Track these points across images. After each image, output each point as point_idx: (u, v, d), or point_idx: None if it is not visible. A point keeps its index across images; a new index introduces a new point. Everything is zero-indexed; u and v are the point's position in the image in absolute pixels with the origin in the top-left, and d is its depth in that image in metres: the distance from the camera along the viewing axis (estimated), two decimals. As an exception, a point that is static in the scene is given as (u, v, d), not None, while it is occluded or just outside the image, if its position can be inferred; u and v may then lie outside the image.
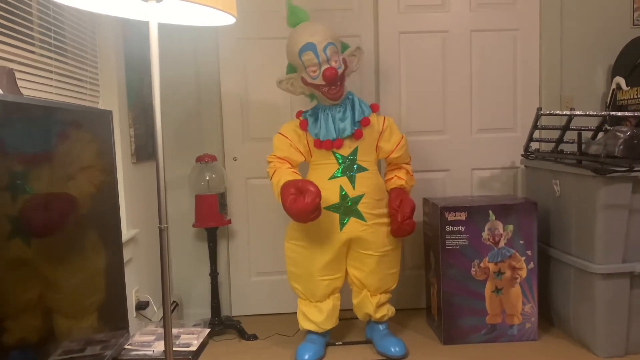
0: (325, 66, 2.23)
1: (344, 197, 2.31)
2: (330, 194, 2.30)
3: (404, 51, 2.91)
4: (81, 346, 1.49)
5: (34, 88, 1.66)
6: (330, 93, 2.27)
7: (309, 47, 2.22)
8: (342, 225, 2.31)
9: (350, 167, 2.33)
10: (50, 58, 1.79)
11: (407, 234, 2.35)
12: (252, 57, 2.89)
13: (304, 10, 2.36)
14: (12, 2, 1.58)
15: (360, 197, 2.31)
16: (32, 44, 1.70)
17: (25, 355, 1.21)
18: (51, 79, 1.78)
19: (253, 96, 2.91)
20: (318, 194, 2.12)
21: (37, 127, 1.31)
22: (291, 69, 2.40)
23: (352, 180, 2.32)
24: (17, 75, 1.51)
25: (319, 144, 2.30)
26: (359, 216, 2.31)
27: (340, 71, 2.25)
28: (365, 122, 2.31)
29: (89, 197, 1.58)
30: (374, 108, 2.37)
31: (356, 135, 2.31)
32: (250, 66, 2.90)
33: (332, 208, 2.31)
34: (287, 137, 2.36)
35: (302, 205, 2.10)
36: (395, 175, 2.43)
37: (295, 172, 2.31)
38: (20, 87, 1.51)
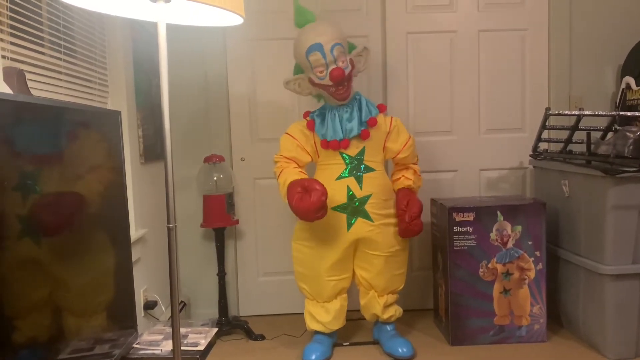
0: (332, 66, 2.23)
1: (351, 197, 2.30)
2: (337, 195, 2.30)
3: (411, 51, 2.91)
4: (90, 345, 1.50)
5: (44, 89, 1.67)
6: (337, 93, 2.27)
7: (316, 48, 2.22)
8: (350, 225, 2.31)
9: (357, 168, 2.32)
10: (60, 59, 1.81)
11: (415, 235, 2.34)
12: (260, 57, 2.89)
13: (310, 10, 2.37)
14: (23, 3, 1.59)
15: (368, 197, 2.31)
16: (42, 45, 1.71)
17: (35, 354, 1.22)
18: (60, 79, 1.80)
19: (261, 97, 2.92)
20: (324, 192, 2.12)
21: (47, 127, 1.32)
22: (298, 69, 2.40)
23: (359, 180, 2.32)
24: (27, 75, 1.52)
25: (326, 145, 2.31)
26: (366, 216, 2.31)
27: (347, 71, 2.25)
28: (372, 122, 2.31)
29: (98, 197, 1.59)
30: (381, 108, 2.36)
31: (363, 136, 2.30)
32: (258, 67, 2.90)
33: (339, 208, 2.31)
34: (294, 138, 2.36)
35: (308, 204, 2.11)
36: (403, 176, 2.43)
37: (302, 172, 2.31)
38: (30, 87, 1.52)
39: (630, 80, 2.73)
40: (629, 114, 2.39)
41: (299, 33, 2.32)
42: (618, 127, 2.33)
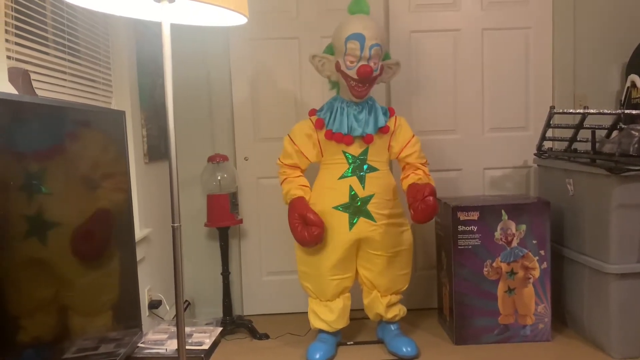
0: (364, 62, 2.23)
1: (353, 197, 2.30)
2: (339, 194, 2.30)
3: (414, 50, 2.90)
4: (95, 344, 1.50)
5: (49, 89, 1.68)
6: (356, 89, 2.27)
7: (358, 38, 2.21)
8: (352, 225, 2.31)
9: (360, 167, 2.32)
10: (64, 59, 1.81)
11: (431, 214, 2.16)
12: (263, 57, 2.90)
13: (368, 3, 2.36)
14: (27, 4, 1.60)
15: (370, 197, 2.31)
16: (47, 46, 1.72)
17: (40, 353, 1.23)
18: (65, 79, 1.80)
19: (264, 96, 2.92)
20: (321, 227, 2.22)
21: (52, 127, 1.33)
22: (329, 50, 2.37)
23: (362, 180, 2.32)
24: (32, 76, 1.53)
25: (330, 135, 2.30)
26: (369, 216, 2.31)
27: (375, 73, 2.25)
28: (385, 130, 2.33)
29: (103, 196, 1.59)
30: (390, 113, 2.37)
31: (366, 140, 2.30)
32: (261, 66, 2.90)
33: (342, 208, 2.31)
34: (294, 143, 2.36)
35: (308, 239, 2.22)
36: (412, 172, 2.38)
37: (303, 185, 2.36)
38: (35, 87, 1.53)
39: (635, 78, 2.71)
40: (634, 112, 2.39)
41: (347, 18, 2.31)
42: (623, 126, 2.33)
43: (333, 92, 2.45)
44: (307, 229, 2.23)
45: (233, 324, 2.72)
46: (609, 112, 2.40)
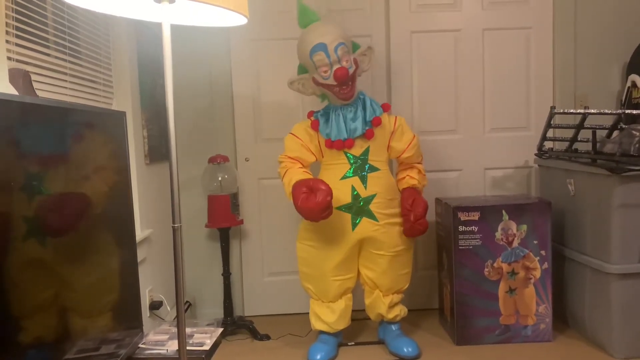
0: (336, 66, 2.23)
1: (355, 197, 2.30)
2: (342, 194, 2.30)
3: (415, 51, 2.90)
4: (96, 345, 1.50)
5: (49, 90, 1.68)
6: (341, 93, 2.27)
7: (320, 48, 2.22)
8: (354, 225, 2.31)
9: (361, 167, 2.32)
10: (65, 60, 1.81)
11: (420, 234, 2.34)
12: (264, 58, 2.90)
13: (313, 10, 2.37)
14: (28, 5, 1.60)
15: (372, 197, 2.31)
16: (48, 47, 1.72)
17: (41, 354, 1.23)
18: (66, 80, 1.80)
19: (265, 97, 2.92)
20: (329, 192, 2.13)
21: (53, 129, 1.33)
22: (302, 69, 2.40)
23: (363, 180, 2.32)
24: (33, 77, 1.53)
25: (330, 144, 2.31)
26: (371, 216, 2.31)
27: (351, 71, 2.25)
28: (377, 121, 2.31)
29: (104, 197, 1.59)
30: (385, 108, 2.36)
31: (367, 135, 2.30)
32: (262, 67, 2.91)
33: (344, 208, 2.31)
34: (298, 138, 2.36)
35: (313, 204, 2.11)
36: (408, 175, 2.42)
37: (306, 172, 2.32)
38: (36, 89, 1.53)
39: (636, 78, 2.71)
40: (634, 112, 2.38)
41: (302, 33, 2.32)
42: (624, 126, 2.33)
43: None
44: (318, 195, 2.10)
45: (234, 324, 2.72)
46: (609, 112, 2.40)
